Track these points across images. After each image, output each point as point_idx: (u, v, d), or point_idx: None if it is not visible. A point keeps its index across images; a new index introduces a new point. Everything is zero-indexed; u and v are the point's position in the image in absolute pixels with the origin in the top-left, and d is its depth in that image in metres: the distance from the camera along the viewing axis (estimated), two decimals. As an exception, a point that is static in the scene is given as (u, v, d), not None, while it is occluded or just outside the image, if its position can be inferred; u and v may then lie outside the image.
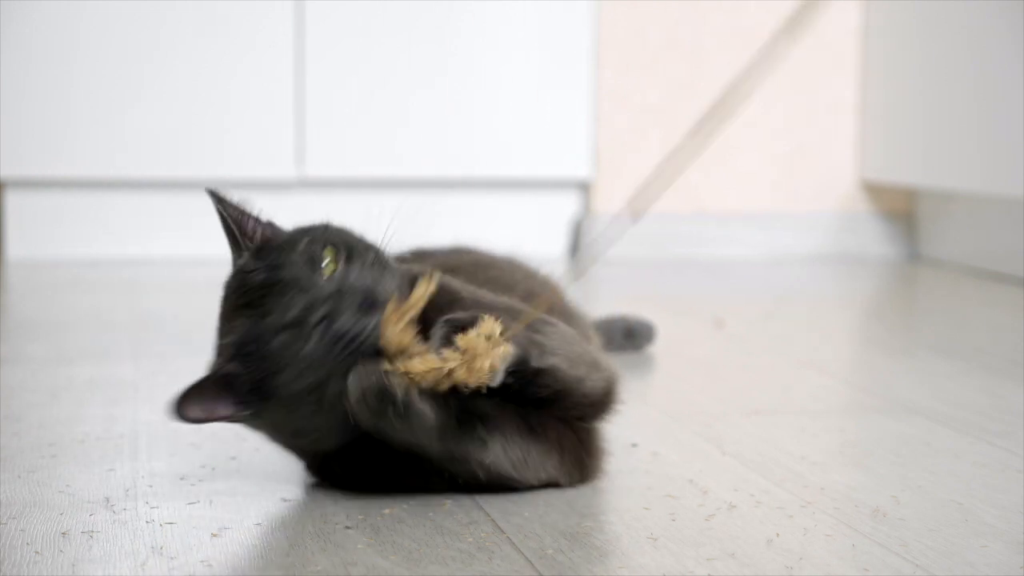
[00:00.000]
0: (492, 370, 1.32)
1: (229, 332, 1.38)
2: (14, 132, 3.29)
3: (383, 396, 1.31)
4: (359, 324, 1.35)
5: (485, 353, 1.31)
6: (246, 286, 1.39)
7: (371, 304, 1.36)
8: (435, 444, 1.35)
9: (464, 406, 1.36)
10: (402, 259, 1.87)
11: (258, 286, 1.38)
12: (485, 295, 1.49)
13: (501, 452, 1.39)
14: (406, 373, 1.32)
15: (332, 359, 1.34)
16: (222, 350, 1.38)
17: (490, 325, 1.33)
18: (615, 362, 1.52)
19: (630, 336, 2.21)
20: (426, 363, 1.32)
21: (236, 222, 1.44)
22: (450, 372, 1.31)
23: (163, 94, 3.33)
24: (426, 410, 1.33)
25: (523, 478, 1.41)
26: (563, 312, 1.72)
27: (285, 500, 1.41)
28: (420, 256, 1.88)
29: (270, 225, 1.46)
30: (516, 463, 1.40)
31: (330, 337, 1.35)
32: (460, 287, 1.48)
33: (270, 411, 1.37)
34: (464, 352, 1.31)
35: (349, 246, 1.41)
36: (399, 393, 1.32)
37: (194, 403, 1.35)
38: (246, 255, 1.42)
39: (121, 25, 3.30)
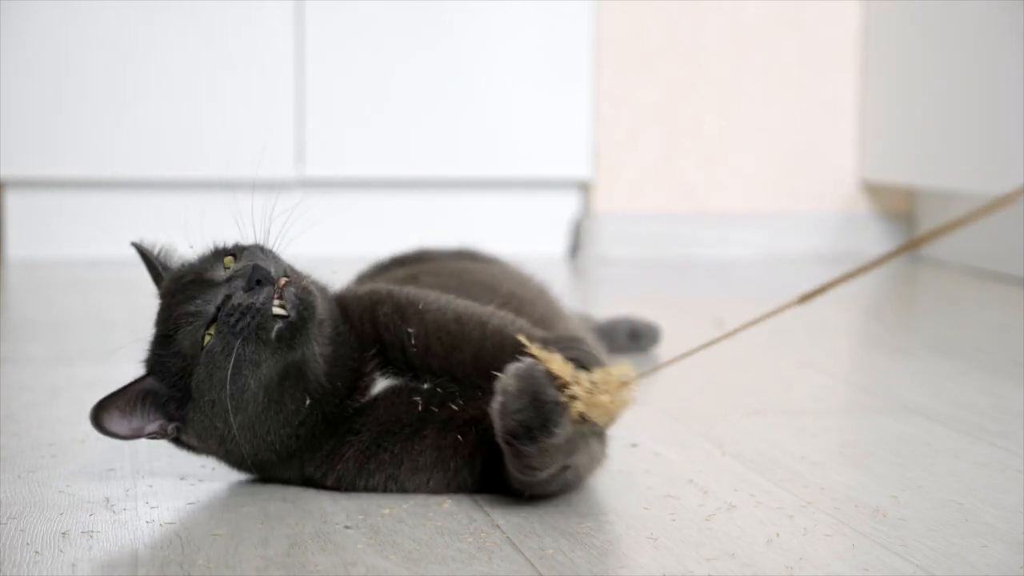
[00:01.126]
0: (612, 413, 1.32)
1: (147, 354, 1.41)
2: (14, 132, 3.29)
3: (544, 403, 1.29)
4: (248, 298, 1.35)
5: (612, 395, 1.31)
6: (156, 316, 1.42)
7: (259, 280, 1.36)
8: (561, 457, 1.33)
9: None
10: (405, 259, 1.87)
11: (160, 311, 1.41)
12: (454, 304, 1.48)
13: (587, 448, 1.40)
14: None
15: (228, 336, 1.34)
16: (145, 368, 1.41)
17: (626, 370, 1.32)
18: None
19: (635, 337, 2.21)
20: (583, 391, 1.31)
21: (159, 266, 1.49)
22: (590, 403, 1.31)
23: (163, 94, 3.33)
24: (568, 423, 1.31)
25: (595, 470, 1.42)
26: (557, 315, 1.73)
27: (285, 500, 1.41)
28: (423, 257, 1.88)
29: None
30: (594, 455, 1.42)
31: (226, 317, 1.35)
32: (428, 299, 1.47)
33: (195, 418, 1.37)
34: (591, 388, 1.31)
35: (239, 248, 1.43)
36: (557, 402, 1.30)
37: (114, 417, 1.36)
38: (159, 295, 1.45)
39: (121, 26, 3.30)
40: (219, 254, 1.43)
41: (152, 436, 1.39)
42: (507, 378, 1.30)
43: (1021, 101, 2.92)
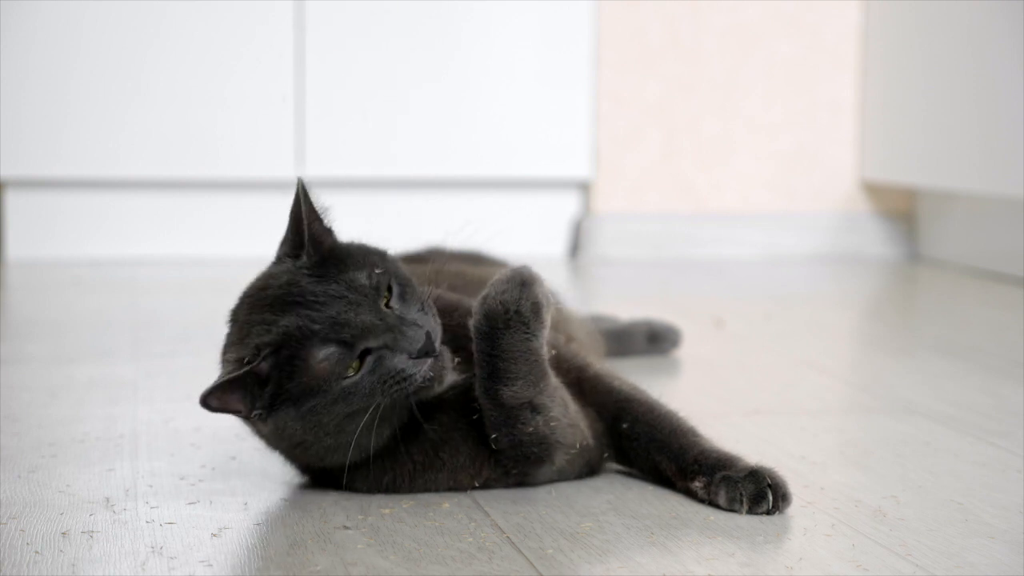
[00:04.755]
0: None
1: (269, 327, 1.33)
2: (14, 132, 3.29)
3: (531, 289, 1.34)
4: (412, 367, 1.34)
5: None
6: (300, 285, 1.34)
7: (427, 352, 1.34)
8: (535, 378, 1.36)
9: None
10: (418, 256, 1.88)
11: (315, 291, 1.34)
12: None
13: (565, 410, 1.42)
14: None
15: (375, 393, 1.32)
16: (258, 346, 1.33)
17: None
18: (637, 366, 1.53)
19: (654, 340, 2.20)
20: None
21: (309, 221, 1.38)
22: None
23: (163, 94, 3.33)
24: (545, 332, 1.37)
25: (576, 449, 1.44)
26: (566, 321, 1.74)
27: (285, 500, 1.41)
28: (434, 256, 1.88)
29: (331, 232, 1.42)
30: (579, 430, 1.44)
31: (382, 371, 1.33)
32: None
33: (286, 420, 1.34)
34: None
35: (404, 284, 1.38)
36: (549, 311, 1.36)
37: (218, 400, 1.31)
38: (307, 256, 1.37)
39: (121, 25, 3.30)
40: (387, 273, 1.36)
41: (235, 414, 1.34)
42: (498, 273, 1.36)
43: (1021, 101, 2.92)
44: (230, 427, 1.62)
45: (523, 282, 1.35)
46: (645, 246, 3.53)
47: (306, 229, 1.38)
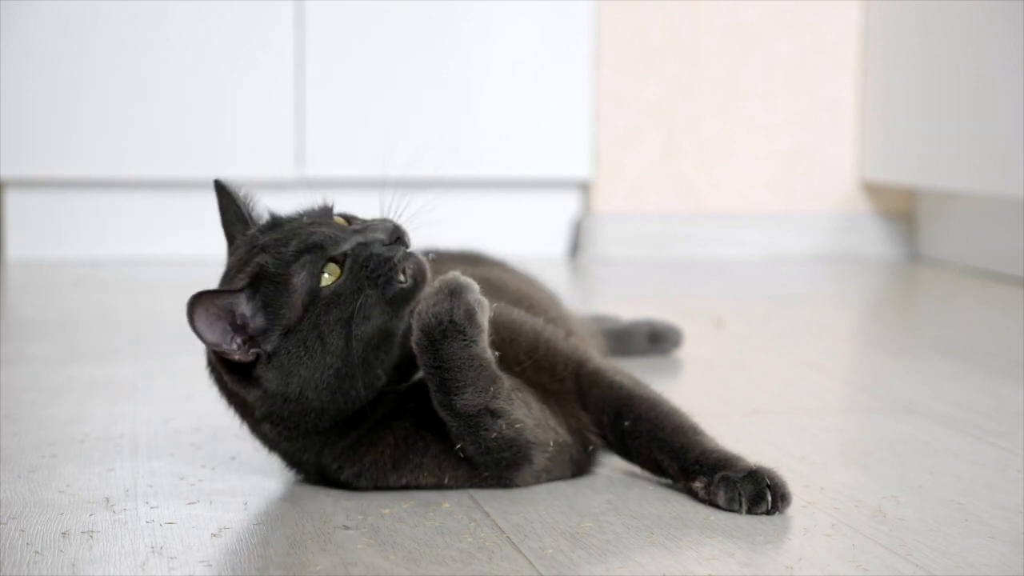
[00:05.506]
0: None
1: (239, 272, 1.38)
2: (14, 132, 3.29)
3: (462, 297, 1.35)
4: (388, 252, 1.38)
5: None
6: (259, 240, 1.40)
7: (398, 238, 1.40)
8: (484, 383, 1.36)
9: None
10: None
11: (275, 236, 1.39)
12: (509, 308, 1.54)
13: (528, 410, 1.42)
14: None
15: (362, 285, 1.35)
16: (234, 280, 1.38)
17: None
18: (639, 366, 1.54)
19: (655, 340, 2.20)
20: None
21: (245, 207, 1.46)
22: None
23: (163, 94, 3.33)
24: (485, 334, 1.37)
25: (543, 438, 1.43)
26: (564, 320, 1.74)
27: (285, 500, 1.41)
28: (432, 257, 1.89)
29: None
30: (547, 429, 1.44)
31: (362, 260, 1.36)
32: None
33: (290, 352, 1.35)
34: None
35: (352, 216, 1.46)
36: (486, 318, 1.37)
37: (203, 317, 1.33)
38: (255, 229, 1.43)
39: (121, 26, 3.30)
40: (326, 212, 1.44)
41: (227, 354, 1.36)
42: (428, 287, 1.38)
43: (1021, 101, 2.92)
44: (230, 427, 1.62)
45: (452, 291, 1.36)
46: (645, 246, 3.53)
47: (244, 210, 1.45)
